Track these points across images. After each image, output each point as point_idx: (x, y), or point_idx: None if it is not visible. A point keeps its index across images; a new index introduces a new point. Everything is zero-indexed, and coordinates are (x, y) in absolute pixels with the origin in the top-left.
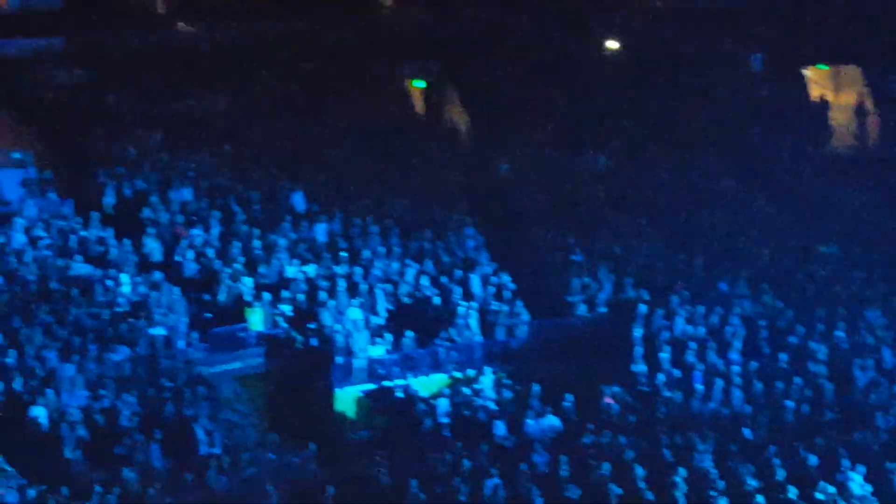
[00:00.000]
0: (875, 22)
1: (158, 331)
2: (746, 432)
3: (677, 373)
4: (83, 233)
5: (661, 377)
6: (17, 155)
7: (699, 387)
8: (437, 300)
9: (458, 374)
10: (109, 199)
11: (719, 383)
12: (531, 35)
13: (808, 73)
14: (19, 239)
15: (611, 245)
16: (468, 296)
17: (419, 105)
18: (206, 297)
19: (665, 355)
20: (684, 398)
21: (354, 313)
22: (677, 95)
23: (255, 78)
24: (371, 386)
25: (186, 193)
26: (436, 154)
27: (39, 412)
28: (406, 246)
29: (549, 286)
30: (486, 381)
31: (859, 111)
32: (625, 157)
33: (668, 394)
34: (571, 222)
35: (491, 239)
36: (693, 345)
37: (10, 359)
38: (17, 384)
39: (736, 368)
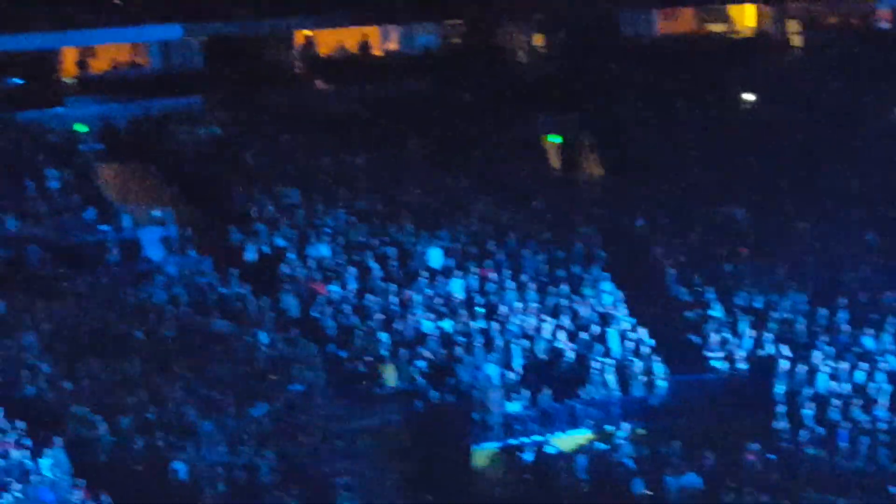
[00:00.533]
0: None
1: (296, 387)
2: (893, 490)
3: (821, 430)
4: (222, 289)
5: (803, 434)
6: (157, 213)
7: (843, 444)
8: (573, 356)
9: (595, 431)
10: (248, 256)
11: (864, 440)
12: (667, 88)
13: None
14: (160, 296)
15: (750, 299)
16: (606, 351)
17: (554, 160)
18: (343, 353)
19: (808, 412)
20: (828, 456)
21: (491, 369)
22: (817, 147)
23: (390, 135)
24: (508, 442)
25: (323, 250)
26: (572, 209)
27: (180, 467)
28: (543, 301)
29: (687, 342)
30: (625, 437)
31: None
32: (764, 210)
33: (811, 451)
34: (710, 277)
35: (628, 294)
36: (836, 401)
37: (151, 414)
38: (159, 439)
39: (882, 425)
